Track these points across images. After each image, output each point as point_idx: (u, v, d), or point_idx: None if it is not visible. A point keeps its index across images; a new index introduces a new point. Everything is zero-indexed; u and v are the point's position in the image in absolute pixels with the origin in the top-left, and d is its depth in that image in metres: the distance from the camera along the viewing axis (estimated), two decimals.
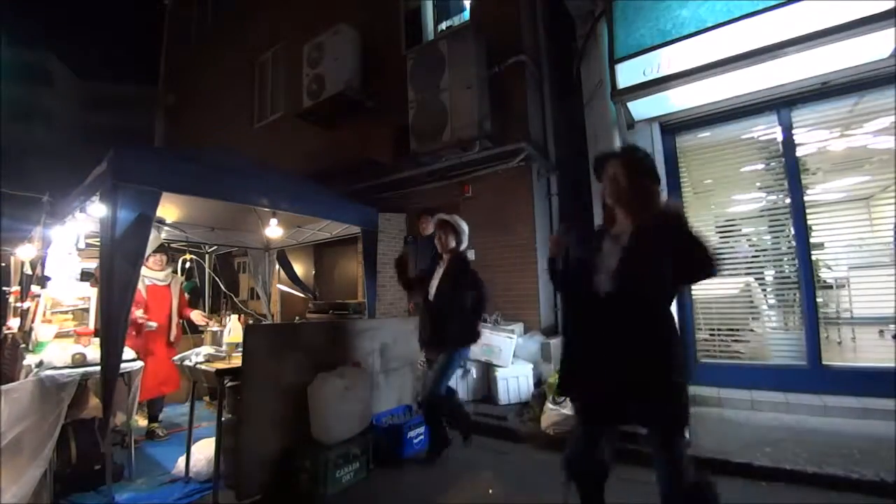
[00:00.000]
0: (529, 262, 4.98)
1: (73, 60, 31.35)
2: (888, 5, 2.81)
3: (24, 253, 4.68)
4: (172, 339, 3.87)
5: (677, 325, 1.74)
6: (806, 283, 3.73)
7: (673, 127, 4.37)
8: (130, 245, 2.62)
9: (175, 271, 4.48)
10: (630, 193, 1.72)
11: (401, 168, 5.87)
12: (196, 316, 4.07)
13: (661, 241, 1.57)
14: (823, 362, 3.65)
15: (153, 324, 3.70)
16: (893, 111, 3.42)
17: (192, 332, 4.71)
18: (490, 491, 2.64)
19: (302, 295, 7.05)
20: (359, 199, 4.96)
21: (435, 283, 3.17)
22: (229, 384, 2.70)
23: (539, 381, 4.20)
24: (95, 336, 3.02)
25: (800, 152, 3.86)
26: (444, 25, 6.22)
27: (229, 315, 3.84)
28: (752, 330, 4.09)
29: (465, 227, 3.23)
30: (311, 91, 6.46)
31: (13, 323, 4.07)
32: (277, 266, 6.27)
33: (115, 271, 2.57)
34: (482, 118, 4.92)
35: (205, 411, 4.18)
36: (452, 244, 3.19)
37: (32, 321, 3.37)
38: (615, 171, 1.77)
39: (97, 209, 2.91)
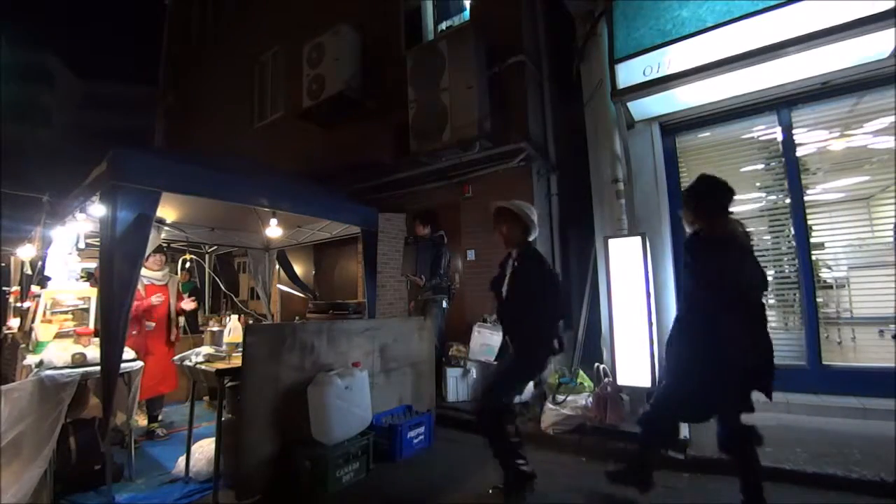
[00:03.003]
0: None
1: (74, 60, 31.35)
2: (888, 5, 2.81)
3: (24, 253, 4.69)
4: (173, 338, 3.87)
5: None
6: (806, 283, 3.73)
7: (673, 127, 4.37)
8: (130, 245, 2.63)
9: (175, 272, 4.48)
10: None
11: (401, 168, 5.87)
12: (187, 304, 4.05)
13: None
14: (823, 362, 3.65)
15: (151, 323, 3.71)
16: (893, 111, 3.43)
17: (193, 332, 4.72)
18: (490, 491, 2.63)
19: (302, 295, 7.05)
20: (359, 199, 4.97)
21: (505, 283, 2.72)
22: (229, 384, 2.70)
23: (539, 381, 4.20)
24: (95, 336, 3.03)
25: (800, 152, 3.86)
26: (444, 25, 6.22)
27: (229, 315, 3.85)
28: None
29: (529, 212, 2.66)
30: (311, 91, 6.46)
31: (13, 323, 4.08)
32: (277, 266, 6.27)
33: (115, 271, 2.57)
34: (482, 118, 4.91)
35: (205, 411, 4.19)
36: (518, 235, 2.67)
37: (32, 321, 3.38)
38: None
39: (97, 209, 2.91)
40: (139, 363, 3.06)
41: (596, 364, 3.74)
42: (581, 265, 5.19)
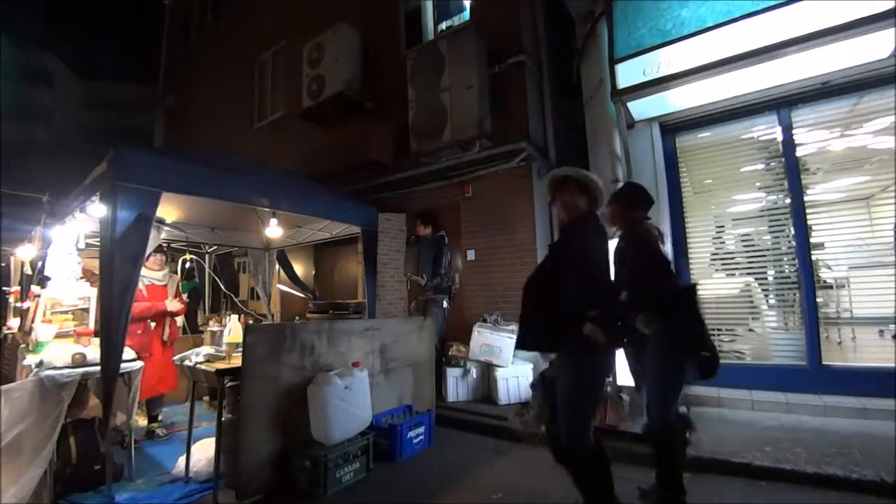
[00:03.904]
0: (529, 261, 4.97)
1: (73, 60, 31.32)
2: (888, 5, 2.81)
3: (24, 253, 4.69)
4: (166, 338, 3.85)
5: None
6: (806, 283, 3.73)
7: (673, 127, 4.37)
8: (130, 245, 2.62)
9: (174, 272, 4.48)
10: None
11: (401, 168, 5.87)
12: (172, 303, 3.84)
13: None
14: (823, 362, 3.65)
15: (151, 323, 3.71)
16: (893, 111, 3.43)
17: (193, 332, 4.72)
18: (493, 496, 2.63)
19: (302, 295, 7.05)
20: (359, 199, 4.97)
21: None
22: (229, 384, 2.70)
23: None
24: (95, 336, 3.03)
25: (800, 152, 3.86)
26: (444, 25, 6.22)
27: (229, 315, 3.84)
28: (752, 330, 4.09)
29: (592, 177, 2.22)
30: (311, 91, 6.46)
31: (13, 323, 4.07)
32: (277, 266, 6.27)
33: (115, 271, 2.57)
34: (482, 118, 4.92)
35: (205, 411, 4.19)
36: (583, 206, 2.20)
37: (32, 321, 3.37)
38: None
39: (97, 209, 2.91)
40: (139, 363, 3.06)
41: None
42: None
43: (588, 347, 1.91)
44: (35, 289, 3.70)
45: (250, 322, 4.50)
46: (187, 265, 5.62)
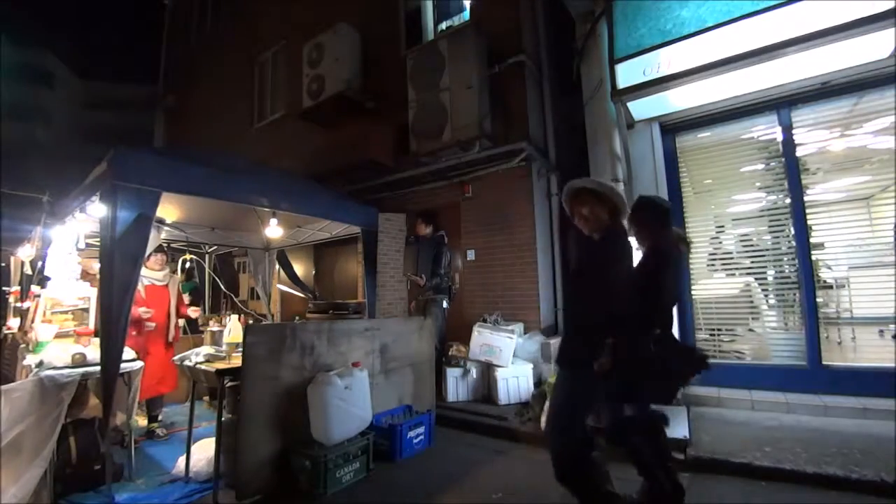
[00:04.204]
0: (529, 262, 4.98)
1: (73, 60, 31.32)
2: (888, 5, 2.81)
3: (24, 253, 4.68)
4: (171, 339, 3.87)
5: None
6: (806, 283, 3.73)
7: (673, 127, 4.37)
8: (130, 245, 2.63)
9: (174, 271, 4.48)
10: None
11: (401, 168, 5.88)
12: (192, 312, 4.13)
13: None
14: (823, 362, 3.65)
15: (151, 324, 3.71)
16: (893, 111, 3.43)
17: (193, 332, 4.72)
18: (493, 497, 2.63)
19: (302, 295, 7.05)
20: (359, 199, 4.97)
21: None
22: (229, 384, 2.71)
23: (539, 381, 4.20)
24: (95, 336, 3.03)
25: (800, 152, 3.86)
26: (444, 25, 6.22)
27: (229, 315, 3.85)
28: (752, 330, 4.09)
29: (610, 185, 2.19)
30: (311, 91, 6.46)
31: (13, 323, 4.07)
32: (277, 266, 6.27)
33: (115, 271, 2.57)
34: (482, 118, 4.91)
35: (205, 411, 4.19)
36: (605, 217, 2.12)
37: (32, 321, 3.37)
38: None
39: (97, 209, 2.91)
40: (139, 363, 3.06)
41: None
42: None
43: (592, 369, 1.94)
44: (35, 289, 3.69)
45: (250, 322, 4.50)
46: (187, 265, 5.62)
